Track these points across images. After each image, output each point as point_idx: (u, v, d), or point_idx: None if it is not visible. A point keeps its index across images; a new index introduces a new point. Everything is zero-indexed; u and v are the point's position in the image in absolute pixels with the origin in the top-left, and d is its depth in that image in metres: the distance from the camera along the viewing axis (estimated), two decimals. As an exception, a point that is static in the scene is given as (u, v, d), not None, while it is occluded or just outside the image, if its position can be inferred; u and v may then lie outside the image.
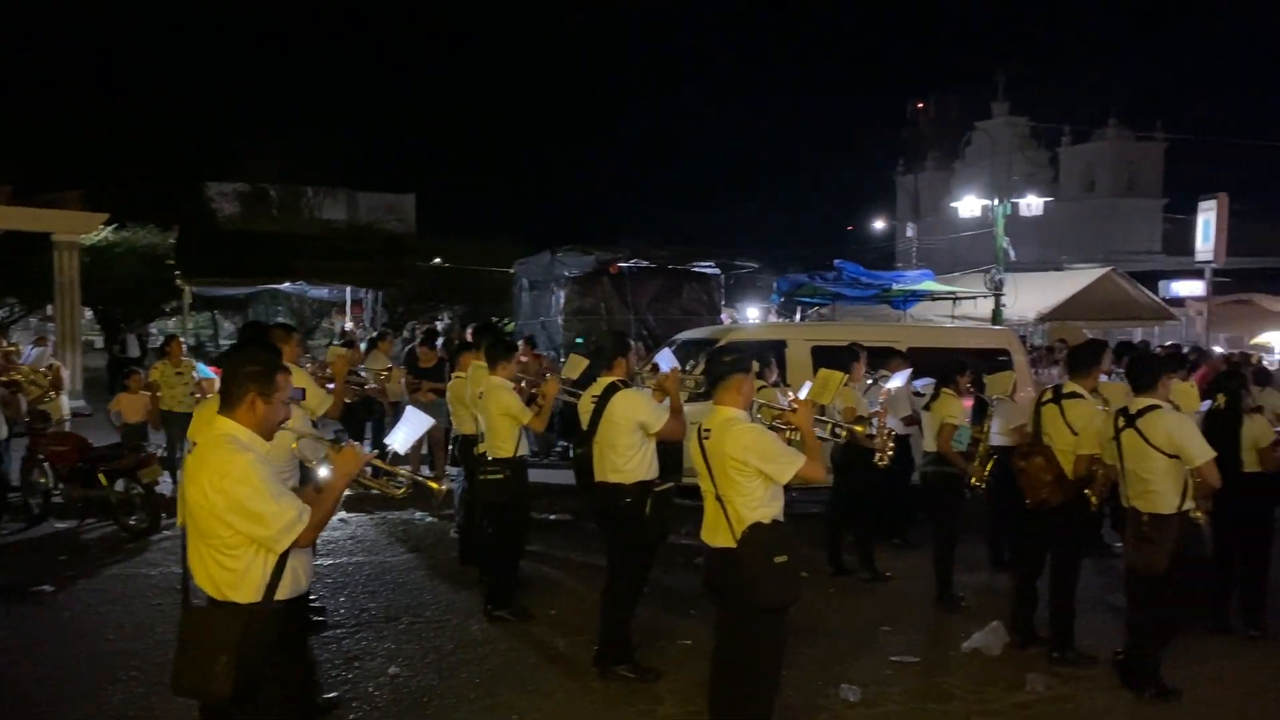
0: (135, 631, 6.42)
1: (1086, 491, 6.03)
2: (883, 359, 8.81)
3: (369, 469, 3.92)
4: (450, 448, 9.09)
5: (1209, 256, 22.20)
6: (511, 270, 17.68)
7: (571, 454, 11.12)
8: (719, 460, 4.31)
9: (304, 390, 5.62)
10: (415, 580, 7.79)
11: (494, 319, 19.19)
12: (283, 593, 3.31)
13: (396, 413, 6.53)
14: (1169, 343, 18.97)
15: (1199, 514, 5.62)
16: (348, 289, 23.60)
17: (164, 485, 9.34)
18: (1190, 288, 24.38)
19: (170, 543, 8.41)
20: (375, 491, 4.21)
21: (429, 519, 9.80)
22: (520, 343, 13.44)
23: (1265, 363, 15.19)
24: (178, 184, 27.00)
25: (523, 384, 7.07)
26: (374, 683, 5.66)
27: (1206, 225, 22.38)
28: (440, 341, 13.12)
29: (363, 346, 13.44)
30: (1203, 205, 22.79)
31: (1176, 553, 5.39)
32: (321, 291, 24.25)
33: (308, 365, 7.07)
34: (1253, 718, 5.36)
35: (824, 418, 6.53)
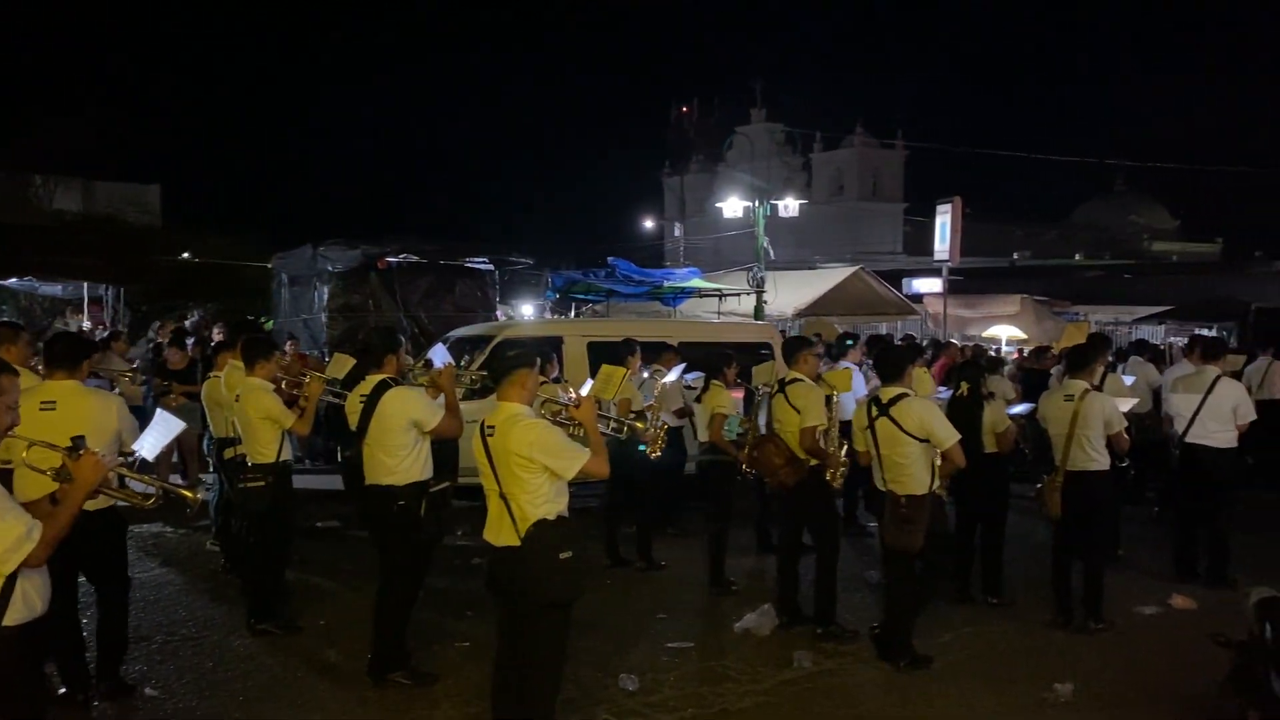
0: None
1: (828, 475, 6.41)
2: (656, 354, 8.99)
3: (114, 478, 3.57)
4: (206, 454, 8.51)
5: (945, 256, 24.00)
6: (269, 265, 16.81)
7: (339, 457, 10.69)
8: (503, 457, 4.23)
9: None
10: (168, 597, 7.24)
11: (249, 317, 18.14)
12: (12, 617, 2.97)
13: (143, 418, 6.02)
14: (904, 334, 20.48)
15: (942, 491, 6.10)
16: (85, 285, 21.65)
17: None
18: (929, 285, 26.24)
19: None
20: (123, 503, 3.86)
21: (183, 531, 9.14)
22: (289, 343, 12.80)
23: (994, 353, 16.61)
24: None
25: (284, 384, 6.71)
26: (123, 705, 5.22)
27: (943, 227, 24.17)
28: (191, 341, 12.29)
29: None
30: (939, 208, 24.61)
31: (928, 530, 5.81)
32: (54, 288, 22.13)
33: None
34: (994, 677, 5.82)
35: (606, 414, 6.61)
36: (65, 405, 4.91)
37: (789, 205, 27.32)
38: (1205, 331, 18.60)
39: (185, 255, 24.66)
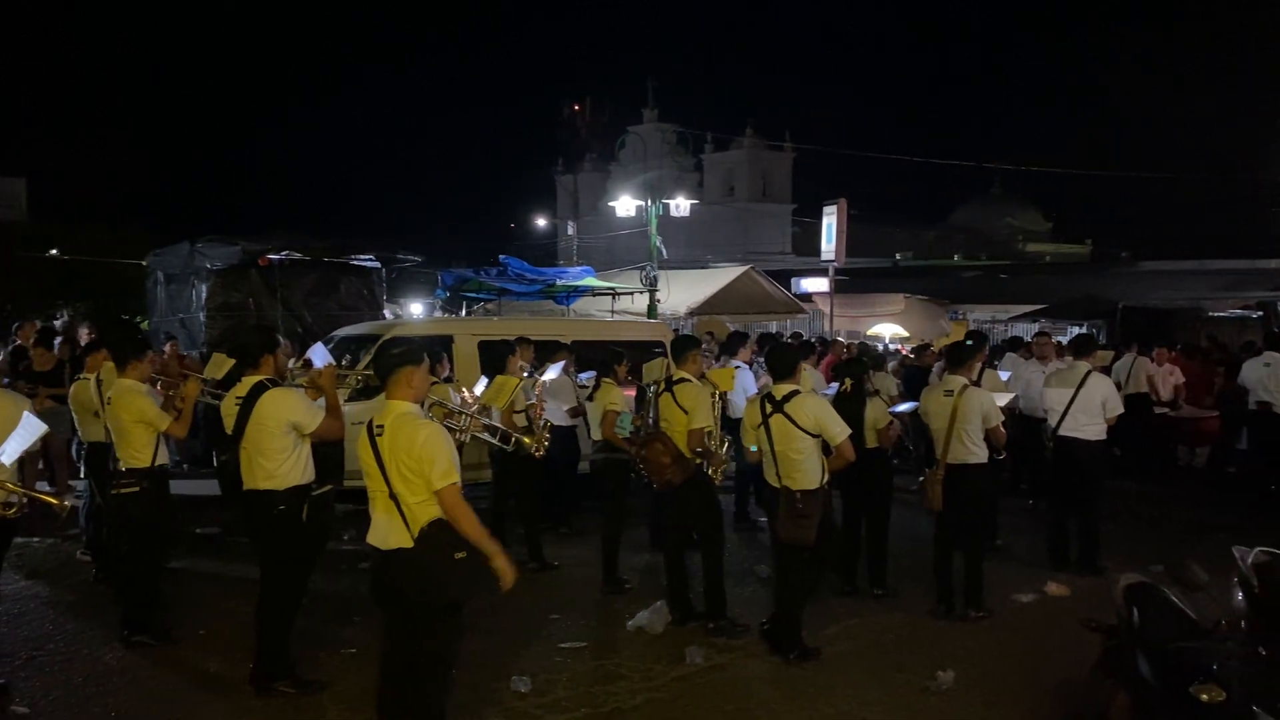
0: None
1: (710, 472, 6.49)
2: (549, 353, 8.95)
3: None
4: (75, 459, 8.11)
5: (831, 256, 24.52)
6: (144, 263, 16.13)
7: (215, 461, 10.32)
8: (392, 456, 4.14)
9: None
10: (34, 610, 6.88)
11: (124, 316, 17.36)
12: None
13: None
14: (793, 332, 20.88)
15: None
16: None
17: None
18: (817, 284, 26.76)
19: None
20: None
21: (51, 541, 8.69)
22: (169, 344, 12.29)
23: (880, 350, 17.04)
24: None
25: (159, 386, 6.43)
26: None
27: (829, 228, 24.68)
28: (58, 341, 11.70)
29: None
30: (826, 209, 25.12)
31: (821, 523, 5.91)
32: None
33: None
34: (880, 666, 5.95)
35: (492, 423, 6.56)
36: None
37: (681, 205, 27.48)
38: (1077, 329, 19.50)
39: (54, 252, 23.50)
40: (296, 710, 5.18)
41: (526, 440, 5.80)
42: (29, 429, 3.86)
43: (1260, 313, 19.82)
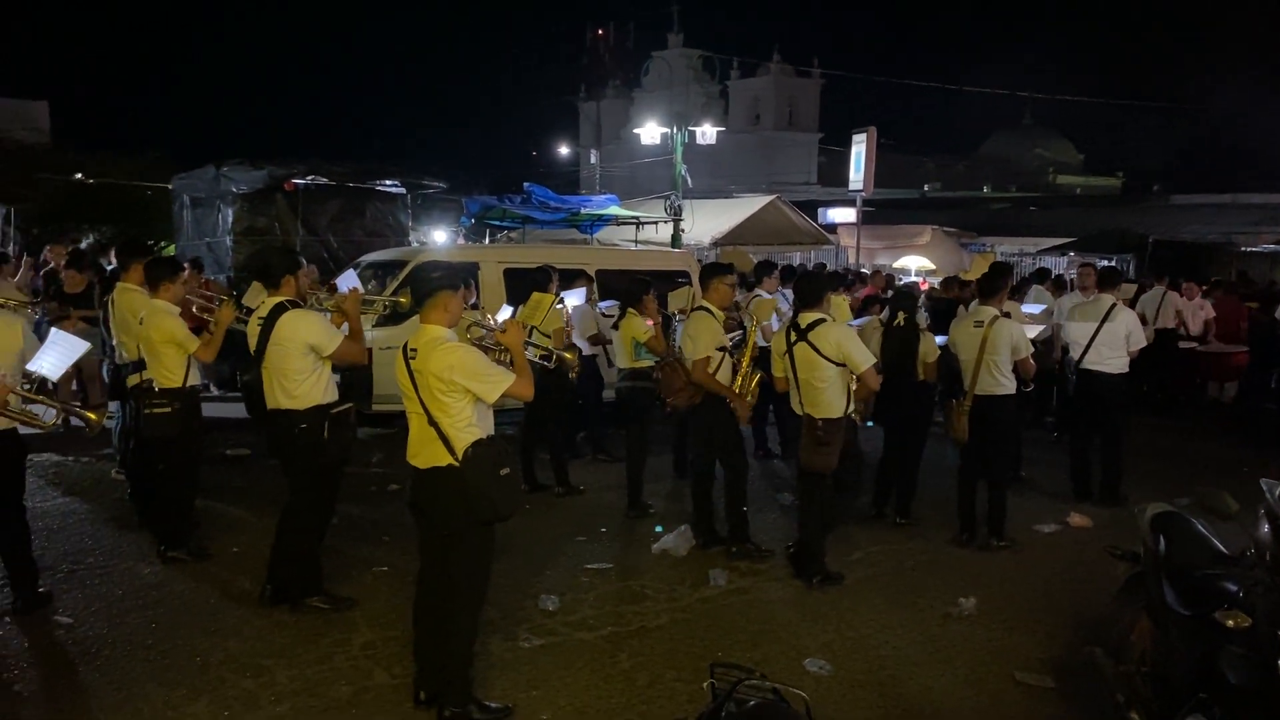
0: None
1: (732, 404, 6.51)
2: (573, 281, 8.94)
3: (15, 399, 3.43)
4: (106, 380, 8.22)
5: (859, 186, 24.25)
6: (170, 186, 16.12)
7: (238, 382, 10.41)
8: (425, 380, 4.18)
9: None
10: (73, 525, 7.04)
11: (149, 240, 17.41)
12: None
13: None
14: (817, 263, 20.74)
15: (857, 415, 6.24)
16: (-28, 206, 20.48)
17: None
18: (843, 215, 26.48)
19: None
20: (24, 428, 3.71)
21: (85, 460, 8.87)
22: (186, 270, 12.32)
23: (903, 283, 16.91)
24: None
25: (194, 308, 6.48)
26: (36, 632, 5.13)
27: (858, 157, 24.38)
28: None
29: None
30: (855, 138, 24.78)
31: (843, 452, 5.94)
32: (-62, 209, 20.92)
33: None
34: (902, 592, 6.03)
35: (533, 342, 6.58)
36: None
37: (707, 132, 27.18)
38: (1105, 262, 19.24)
39: (78, 176, 23.48)
40: (329, 625, 5.31)
41: (568, 356, 5.84)
42: (70, 346, 3.92)
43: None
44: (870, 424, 7.42)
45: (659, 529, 7.04)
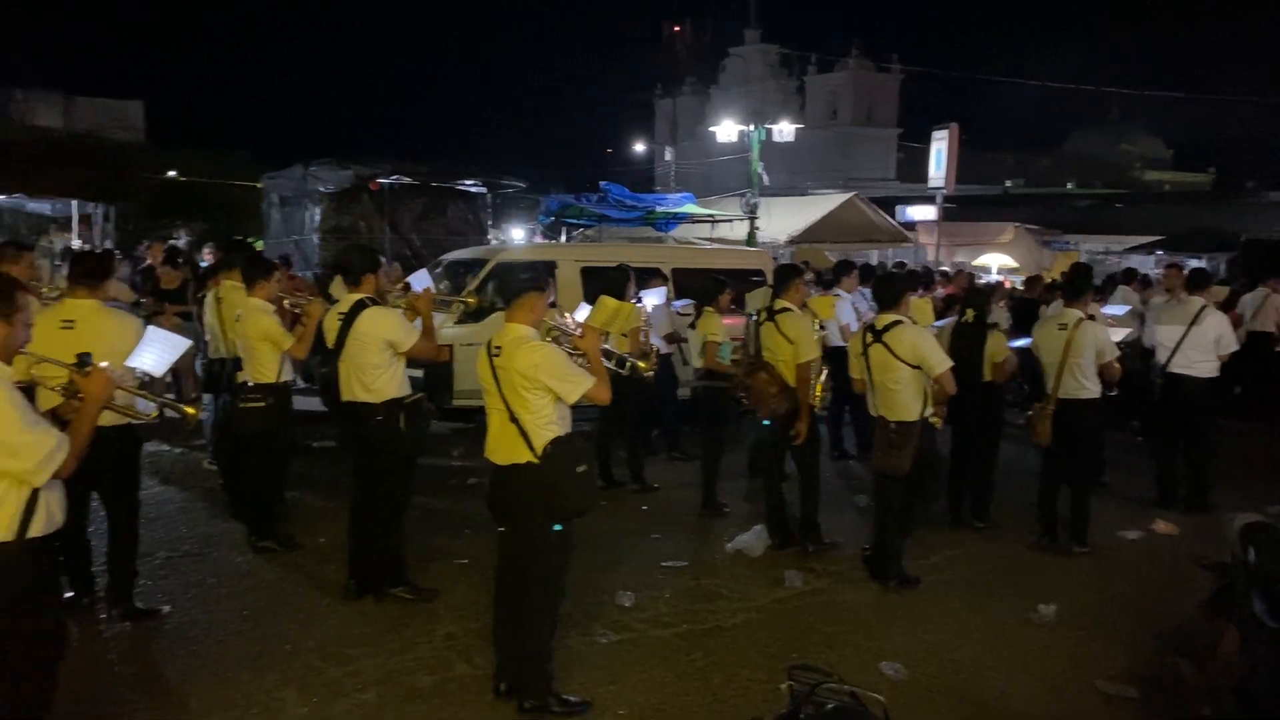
0: None
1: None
2: (649, 279, 9.02)
3: (120, 395, 3.62)
4: (199, 374, 8.53)
5: (940, 183, 23.88)
6: (259, 185, 16.63)
7: (316, 374, 10.68)
8: (508, 377, 4.29)
9: None
10: (169, 514, 7.34)
11: (238, 237, 17.98)
12: (36, 529, 3.03)
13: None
14: (896, 262, 20.46)
15: (936, 419, 6.19)
16: (74, 203, 21.33)
17: None
18: (923, 212, 26.10)
19: None
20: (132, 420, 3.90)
21: (179, 450, 9.22)
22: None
23: (984, 282, 16.67)
24: None
25: (285, 304, 6.71)
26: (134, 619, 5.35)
27: (939, 154, 24.00)
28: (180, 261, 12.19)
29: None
30: (935, 134, 24.40)
31: (917, 455, 5.91)
32: (43, 206, 21.82)
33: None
34: (980, 597, 5.97)
35: (610, 348, 6.65)
36: (84, 325, 4.89)
37: (784, 129, 26.92)
38: (1195, 262, 18.68)
39: (171, 174, 24.33)
40: (413, 616, 5.45)
41: (641, 365, 5.90)
42: (172, 344, 4.11)
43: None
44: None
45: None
